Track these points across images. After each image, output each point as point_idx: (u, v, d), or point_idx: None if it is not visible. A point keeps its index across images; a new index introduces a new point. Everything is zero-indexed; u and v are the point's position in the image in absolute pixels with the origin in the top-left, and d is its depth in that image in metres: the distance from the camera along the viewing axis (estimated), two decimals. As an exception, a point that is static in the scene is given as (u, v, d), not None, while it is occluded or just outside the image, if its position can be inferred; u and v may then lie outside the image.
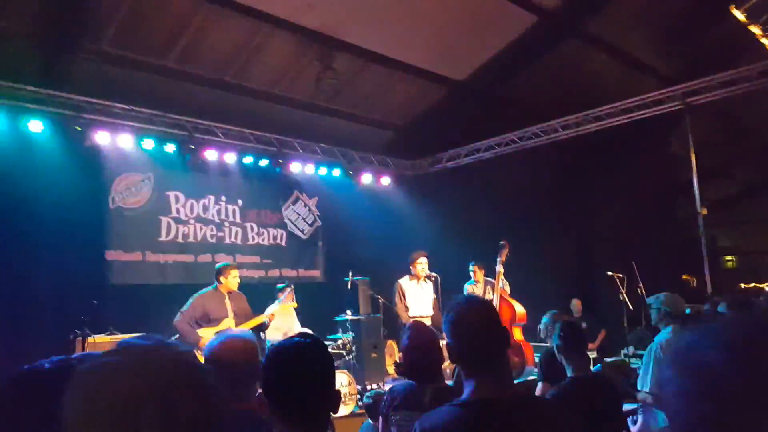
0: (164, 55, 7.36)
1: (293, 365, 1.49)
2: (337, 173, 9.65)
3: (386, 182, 10.47)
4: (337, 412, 1.59)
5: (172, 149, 7.86)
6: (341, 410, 5.42)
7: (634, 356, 6.96)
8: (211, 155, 8.26)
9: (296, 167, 9.20)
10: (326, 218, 9.98)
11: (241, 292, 6.13)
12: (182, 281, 7.85)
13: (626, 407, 3.91)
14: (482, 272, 7.19)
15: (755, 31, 6.53)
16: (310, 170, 9.41)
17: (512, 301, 6.84)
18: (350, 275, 7.92)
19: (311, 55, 7.89)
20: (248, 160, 8.64)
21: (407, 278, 7.01)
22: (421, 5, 7.36)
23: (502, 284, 6.92)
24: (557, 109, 8.87)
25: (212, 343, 2.18)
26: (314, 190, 9.84)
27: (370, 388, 6.61)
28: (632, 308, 7.18)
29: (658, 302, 4.12)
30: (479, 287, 7.13)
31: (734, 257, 14.43)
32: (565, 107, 8.76)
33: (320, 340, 1.62)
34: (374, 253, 9.07)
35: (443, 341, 2.26)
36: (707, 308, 4.21)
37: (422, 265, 6.96)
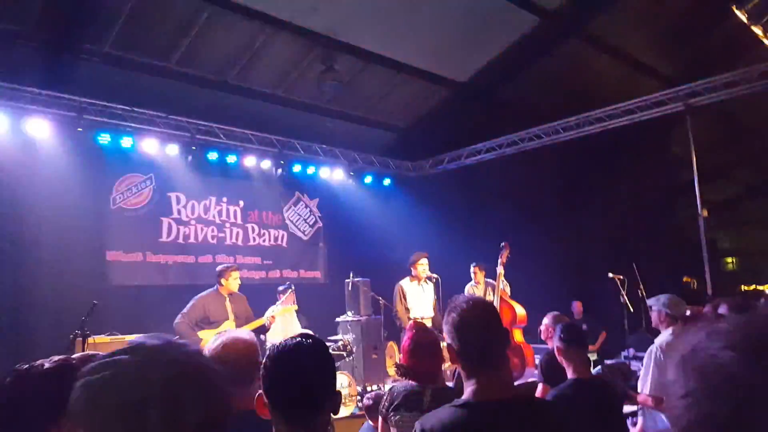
0: (166, 56, 7.37)
1: (294, 365, 1.49)
2: (338, 174, 9.66)
3: (387, 183, 10.49)
4: (337, 413, 1.59)
5: (173, 150, 7.89)
6: (341, 411, 5.41)
7: (634, 358, 6.95)
8: (212, 156, 8.29)
9: (298, 168, 9.22)
10: (327, 219, 10.00)
11: (241, 293, 6.12)
12: (183, 282, 7.88)
13: (626, 409, 3.91)
14: (483, 273, 7.20)
15: (757, 31, 6.52)
16: (311, 171, 9.43)
17: (513, 302, 6.84)
18: (351, 276, 7.93)
19: (313, 56, 7.90)
20: (250, 161, 8.66)
21: (408, 279, 7.00)
22: (423, 7, 7.36)
23: (502, 285, 6.92)
24: (558, 110, 8.87)
25: (213, 343, 2.18)
26: (315, 191, 9.87)
27: (370, 389, 6.60)
28: (633, 310, 7.16)
29: (658, 304, 4.12)
30: (480, 288, 7.13)
31: (735, 259, 14.44)
32: (566, 109, 8.76)
33: (321, 340, 1.62)
34: (375, 254, 9.08)
35: (443, 342, 2.27)
36: (708, 310, 4.20)
37: (423, 266, 6.95)
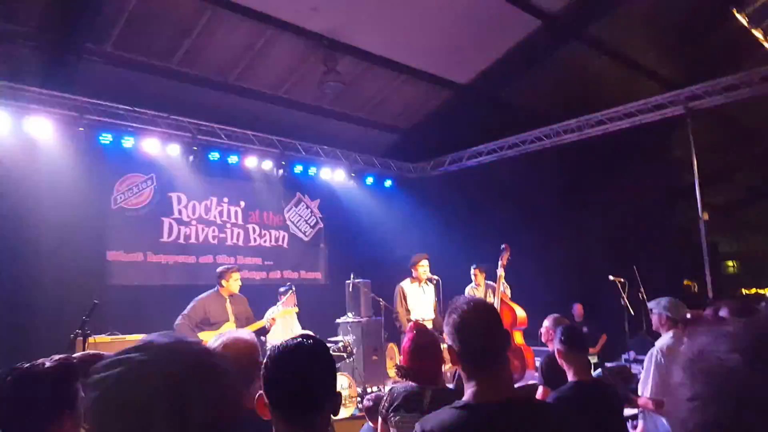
0: (168, 56, 7.38)
1: (294, 365, 1.49)
2: (339, 175, 9.67)
3: (388, 185, 10.49)
4: (338, 414, 1.60)
5: (175, 150, 7.89)
6: (341, 413, 5.41)
7: (635, 361, 6.94)
8: (213, 156, 8.30)
9: (299, 169, 9.23)
10: (328, 220, 10.00)
11: (242, 294, 6.12)
12: (183, 282, 7.88)
13: (627, 412, 3.90)
14: (483, 275, 7.19)
15: (757, 35, 6.52)
16: (312, 172, 9.44)
17: (513, 304, 6.84)
18: (352, 277, 7.93)
19: (315, 57, 7.91)
20: (251, 161, 8.67)
21: (408, 281, 7.00)
22: (425, 9, 7.37)
23: (503, 288, 6.92)
24: (559, 112, 8.88)
25: (214, 342, 2.18)
26: (317, 192, 9.88)
27: (370, 390, 6.59)
28: (633, 313, 7.15)
29: (659, 307, 4.12)
30: (480, 290, 7.13)
31: (735, 262, 14.43)
32: (567, 111, 8.77)
33: (322, 341, 1.62)
34: (376, 255, 9.09)
35: (444, 344, 2.26)
36: (708, 313, 4.20)
37: (424, 267, 6.95)
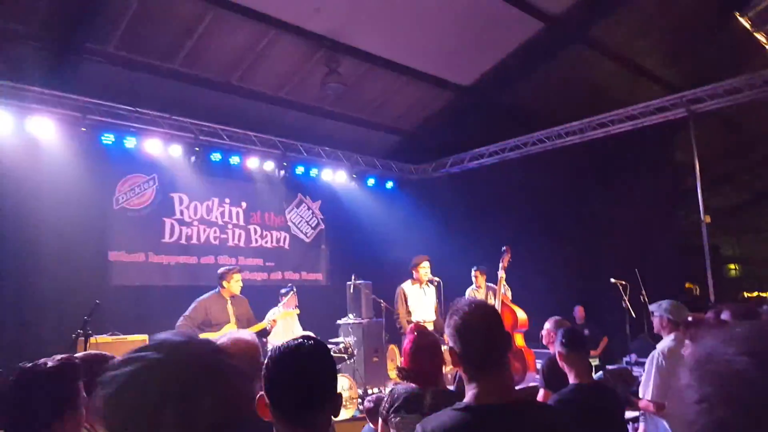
0: (171, 57, 7.39)
1: (295, 366, 1.49)
2: (341, 177, 9.67)
3: (390, 186, 10.49)
4: (338, 414, 1.60)
5: (176, 151, 7.90)
6: (342, 414, 5.40)
7: (636, 364, 6.92)
8: (215, 157, 8.31)
9: (300, 170, 9.23)
10: (330, 222, 10.01)
11: (243, 295, 6.12)
12: (185, 283, 7.88)
13: (628, 415, 3.90)
14: (484, 277, 7.19)
15: (760, 38, 6.52)
16: (314, 173, 9.45)
17: (514, 306, 6.83)
18: (353, 279, 7.93)
19: (317, 59, 7.92)
20: (253, 162, 8.67)
21: (409, 282, 7.00)
22: (426, 10, 7.37)
23: (503, 290, 6.91)
24: (562, 115, 8.87)
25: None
26: (318, 193, 9.88)
27: (371, 392, 6.59)
28: (635, 315, 7.15)
29: (660, 310, 4.11)
30: (481, 292, 7.12)
31: (737, 265, 14.40)
32: (569, 113, 8.76)
33: (322, 342, 1.62)
34: (377, 256, 9.09)
35: (445, 346, 2.26)
36: (710, 316, 4.19)
37: (425, 269, 6.95)
